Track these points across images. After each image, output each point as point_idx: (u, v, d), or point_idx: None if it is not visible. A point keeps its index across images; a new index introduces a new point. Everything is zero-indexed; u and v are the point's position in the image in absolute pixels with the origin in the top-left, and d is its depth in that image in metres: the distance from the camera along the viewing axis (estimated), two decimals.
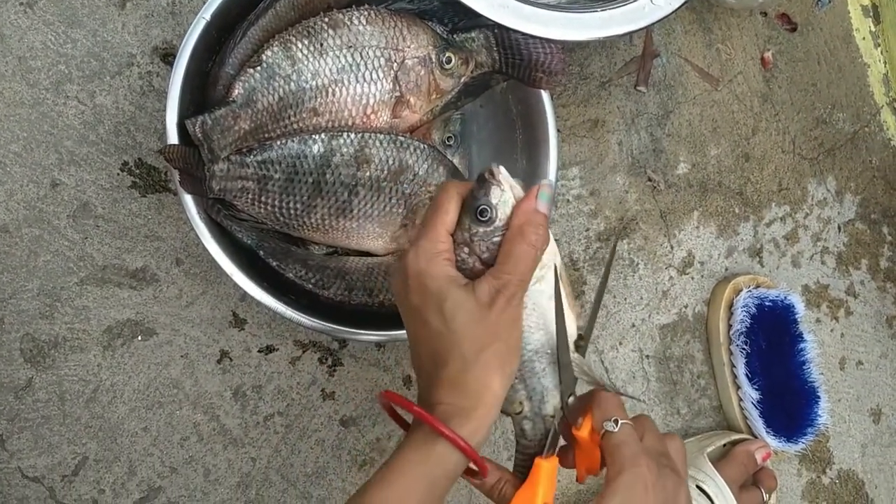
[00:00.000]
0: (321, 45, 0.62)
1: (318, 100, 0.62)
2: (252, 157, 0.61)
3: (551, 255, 0.49)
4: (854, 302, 0.94)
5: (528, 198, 0.48)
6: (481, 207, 0.47)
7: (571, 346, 0.50)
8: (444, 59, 0.65)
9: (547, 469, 0.48)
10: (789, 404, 0.83)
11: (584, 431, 0.49)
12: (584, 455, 0.50)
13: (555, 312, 0.49)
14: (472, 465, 0.46)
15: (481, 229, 0.47)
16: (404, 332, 0.51)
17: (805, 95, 0.92)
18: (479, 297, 0.45)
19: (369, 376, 0.74)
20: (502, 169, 0.48)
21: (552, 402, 0.50)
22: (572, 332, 0.51)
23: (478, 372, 0.45)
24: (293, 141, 0.62)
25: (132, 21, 0.69)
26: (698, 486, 0.73)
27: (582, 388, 0.52)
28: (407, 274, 0.47)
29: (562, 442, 0.52)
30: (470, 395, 0.45)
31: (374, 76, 0.64)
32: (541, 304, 0.49)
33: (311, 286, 0.65)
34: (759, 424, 0.81)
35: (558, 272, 0.49)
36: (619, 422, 0.47)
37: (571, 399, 0.50)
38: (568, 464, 0.52)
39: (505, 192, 0.48)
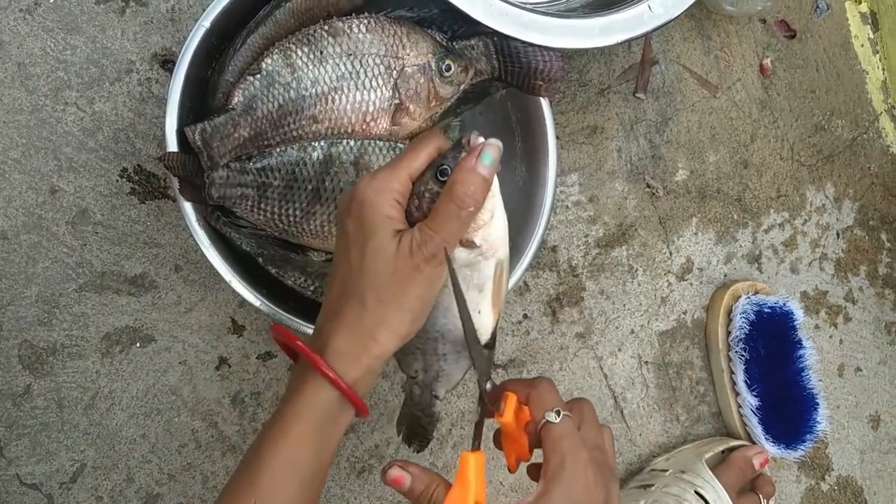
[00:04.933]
0: (321, 52, 0.62)
1: (318, 107, 0.62)
2: (251, 164, 0.61)
3: (498, 245, 0.47)
4: (853, 308, 0.94)
5: (469, 155, 0.45)
6: (443, 167, 0.46)
7: (483, 340, 0.48)
8: (443, 67, 0.65)
9: (475, 462, 0.46)
10: (788, 411, 0.83)
11: (507, 417, 0.48)
12: (511, 442, 0.49)
13: (458, 303, 0.47)
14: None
15: (436, 188, 0.46)
16: None
17: (803, 102, 0.92)
18: (401, 247, 0.44)
19: None
20: (480, 138, 0.47)
21: (445, 386, 0.50)
22: (487, 326, 0.48)
23: (371, 321, 0.44)
24: (293, 148, 0.62)
25: (131, 28, 0.69)
26: (697, 492, 0.73)
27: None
28: (353, 197, 0.46)
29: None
30: (359, 340, 0.44)
31: (374, 84, 0.64)
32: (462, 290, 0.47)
33: (310, 293, 0.65)
34: (758, 431, 0.81)
35: (499, 268, 0.47)
36: (561, 413, 0.46)
37: (489, 385, 0.49)
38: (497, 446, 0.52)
39: None
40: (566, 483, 0.43)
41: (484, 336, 0.49)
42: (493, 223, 0.47)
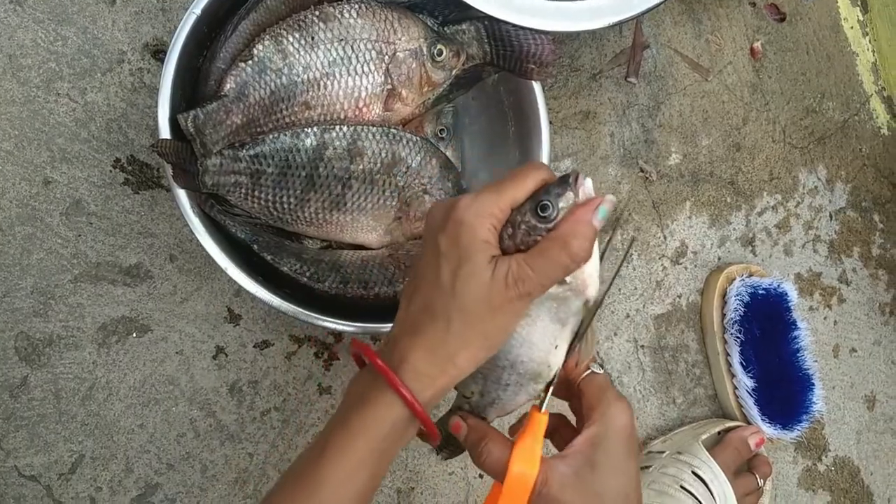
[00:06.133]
0: (312, 38, 0.62)
1: (310, 93, 0.62)
2: (245, 151, 0.61)
3: (587, 283, 0.47)
4: (847, 289, 0.95)
5: (588, 206, 0.45)
6: (545, 203, 0.45)
7: (548, 377, 0.49)
8: (435, 52, 0.65)
9: (543, 423, 0.48)
10: (784, 392, 0.84)
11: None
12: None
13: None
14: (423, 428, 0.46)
15: (533, 222, 0.45)
16: None
17: (794, 85, 0.93)
18: (496, 275, 0.44)
19: None
20: (589, 181, 0.46)
21: (497, 412, 0.50)
22: (556, 363, 0.49)
23: (454, 345, 0.44)
24: (286, 135, 0.62)
25: (122, 18, 0.69)
26: (694, 472, 0.73)
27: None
28: (450, 216, 0.45)
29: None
30: (439, 362, 0.44)
31: (366, 69, 0.64)
32: (543, 325, 0.47)
33: (305, 280, 0.65)
34: (754, 412, 0.81)
35: (586, 306, 0.47)
36: (603, 367, 0.49)
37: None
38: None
39: (575, 200, 0.46)
40: (616, 430, 0.45)
41: (553, 371, 0.49)
42: (585, 267, 0.46)
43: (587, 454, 0.45)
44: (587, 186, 0.45)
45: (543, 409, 0.49)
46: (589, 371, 0.48)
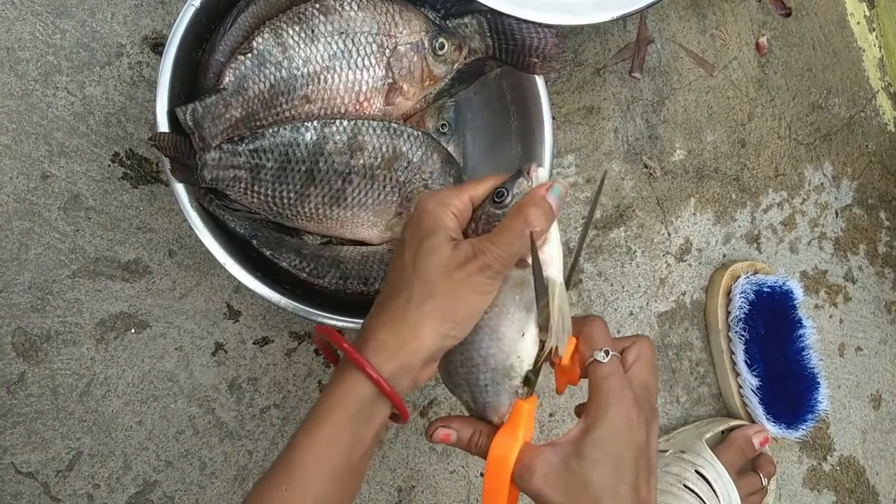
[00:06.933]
0: (312, 31, 0.61)
1: (310, 87, 0.62)
2: (244, 145, 0.61)
3: (550, 265, 0.48)
4: (852, 287, 0.94)
5: (541, 186, 0.48)
6: (500, 189, 0.48)
7: (523, 369, 0.48)
8: (436, 45, 0.64)
9: (527, 410, 0.48)
10: (789, 391, 0.83)
11: (566, 360, 0.48)
12: (563, 371, 0.50)
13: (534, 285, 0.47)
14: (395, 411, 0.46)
15: (491, 209, 0.48)
16: None
17: (800, 81, 0.92)
18: (457, 252, 0.45)
19: None
20: (542, 170, 0.49)
21: (496, 414, 0.50)
22: (529, 352, 0.48)
23: (415, 315, 0.45)
24: (285, 129, 0.61)
25: (121, 11, 0.68)
26: (697, 472, 0.73)
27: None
28: (413, 210, 0.49)
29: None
30: (400, 333, 0.45)
31: (367, 63, 0.63)
32: (509, 313, 0.48)
33: (305, 276, 0.64)
34: (758, 411, 0.81)
35: (551, 289, 0.48)
36: (609, 353, 0.46)
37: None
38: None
39: (529, 186, 0.48)
40: (609, 421, 0.44)
41: (525, 363, 0.48)
42: (545, 247, 0.48)
43: (577, 444, 0.44)
44: (540, 174, 0.49)
45: (525, 395, 0.49)
46: (591, 359, 0.47)
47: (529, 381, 0.49)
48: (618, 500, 0.43)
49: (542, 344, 0.48)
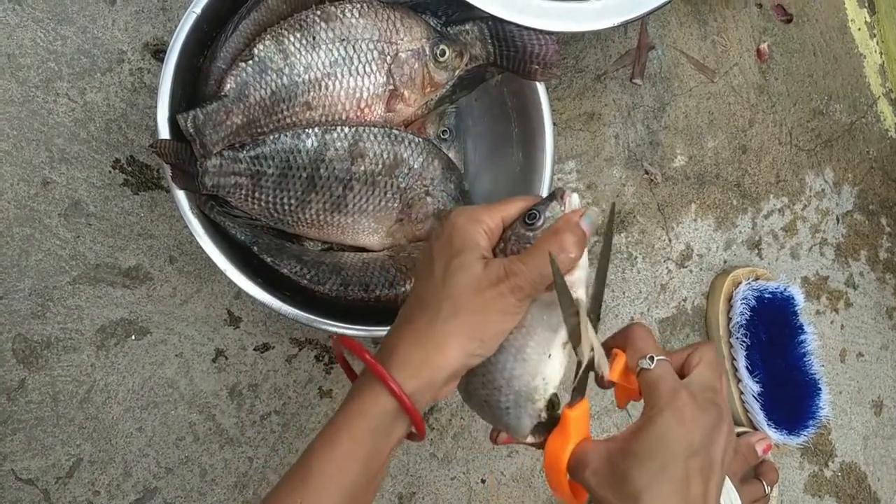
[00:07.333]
0: (313, 38, 0.61)
1: (311, 94, 0.62)
2: (245, 152, 0.61)
3: (578, 288, 0.48)
4: (854, 293, 0.94)
5: (575, 212, 0.48)
6: (532, 212, 0.48)
7: (547, 393, 0.48)
8: (438, 52, 0.64)
9: (575, 417, 0.47)
10: (790, 397, 0.83)
11: (614, 376, 0.48)
12: (622, 388, 0.50)
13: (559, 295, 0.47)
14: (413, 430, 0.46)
15: (522, 231, 0.48)
16: None
17: (801, 87, 0.92)
18: (488, 272, 0.45)
19: None
20: (575, 195, 0.49)
21: (523, 432, 0.49)
22: (554, 375, 0.48)
23: (441, 332, 0.44)
24: (286, 135, 0.61)
25: (122, 17, 0.68)
26: None
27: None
28: (443, 225, 0.48)
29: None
30: (425, 349, 0.44)
31: (368, 69, 0.63)
32: (536, 334, 0.48)
33: (306, 282, 0.64)
34: (760, 417, 0.80)
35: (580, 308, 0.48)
36: (655, 358, 0.46)
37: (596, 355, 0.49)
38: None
39: (561, 210, 0.48)
40: (659, 421, 0.44)
41: (550, 385, 0.48)
42: (574, 272, 0.47)
43: (626, 441, 0.44)
44: (573, 200, 0.49)
45: (572, 402, 0.48)
46: (639, 369, 0.47)
47: (553, 404, 0.48)
48: (660, 497, 0.42)
49: (579, 363, 0.48)
